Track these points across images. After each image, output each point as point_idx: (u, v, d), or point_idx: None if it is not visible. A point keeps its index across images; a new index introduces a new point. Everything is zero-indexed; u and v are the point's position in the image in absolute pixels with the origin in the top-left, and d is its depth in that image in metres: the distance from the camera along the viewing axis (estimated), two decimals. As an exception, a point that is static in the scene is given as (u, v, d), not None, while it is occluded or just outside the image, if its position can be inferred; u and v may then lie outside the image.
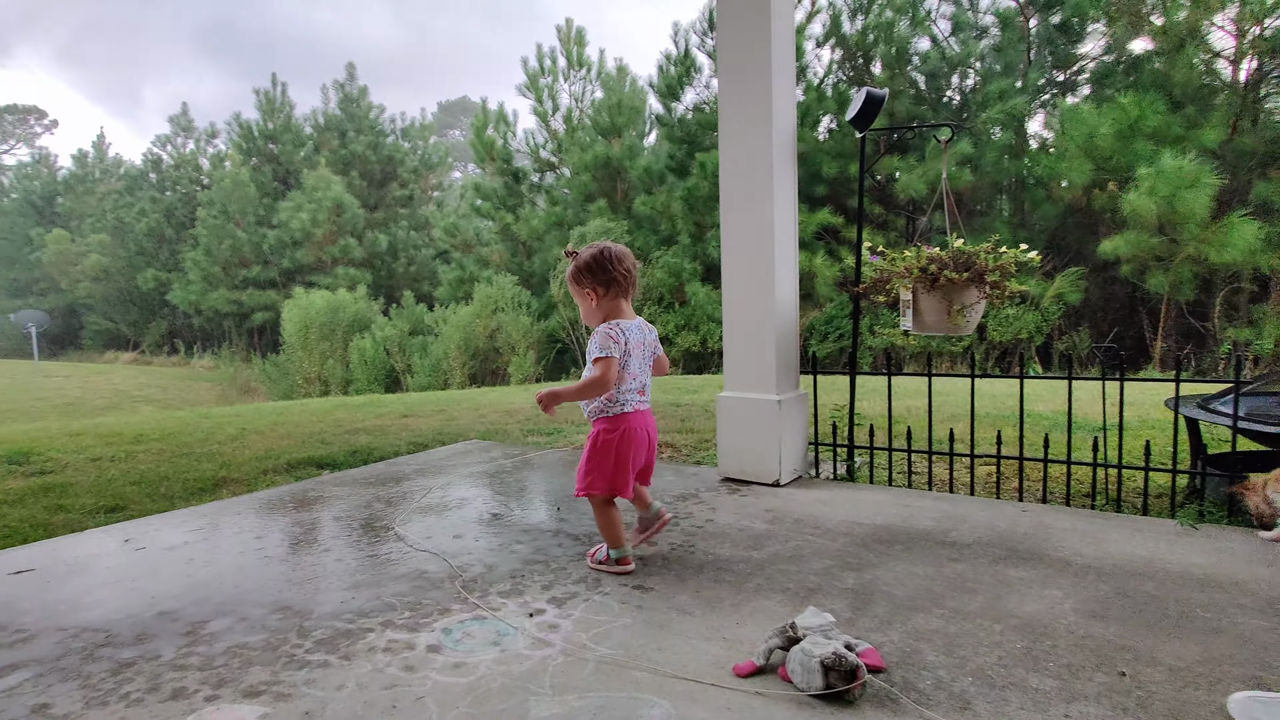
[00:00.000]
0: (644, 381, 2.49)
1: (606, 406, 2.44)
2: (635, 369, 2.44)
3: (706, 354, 14.32)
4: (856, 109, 3.57)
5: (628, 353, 2.40)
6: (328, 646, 1.97)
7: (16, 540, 3.05)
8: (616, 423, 2.43)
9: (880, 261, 3.34)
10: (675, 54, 15.37)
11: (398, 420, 6.02)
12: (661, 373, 2.61)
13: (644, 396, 2.49)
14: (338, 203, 24.46)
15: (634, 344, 2.42)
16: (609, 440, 2.42)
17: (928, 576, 2.35)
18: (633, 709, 1.64)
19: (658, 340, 2.56)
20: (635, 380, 2.45)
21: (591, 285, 2.43)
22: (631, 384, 2.44)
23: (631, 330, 2.43)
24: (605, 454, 2.42)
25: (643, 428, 2.47)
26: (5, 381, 17.73)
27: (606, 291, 2.43)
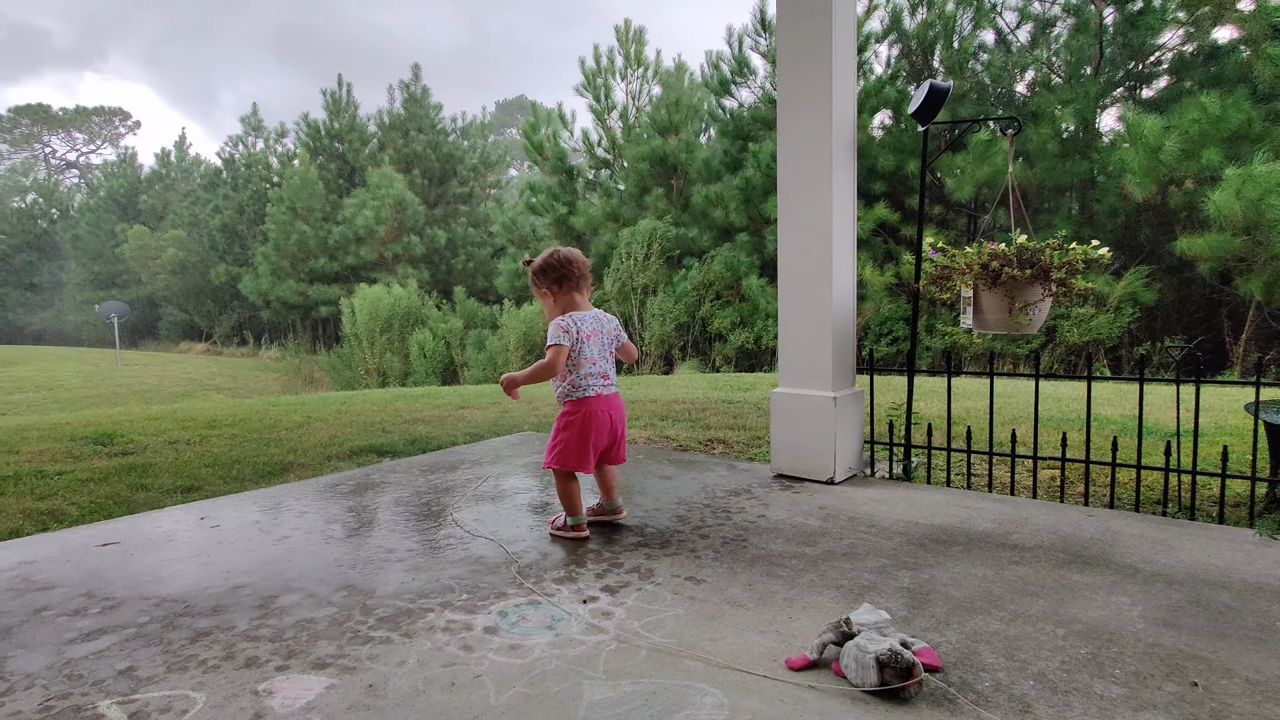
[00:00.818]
0: (605, 368, 2.74)
1: (570, 391, 2.70)
2: (594, 355, 2.69)
3: (760, 351, 14.21)
4: (919, 102, 3.50)
5: (581, 340, 2.66)
6: (389, 624, 2.04)
7: (102, 515, 3.24)
8: (579, 406, 2.70)
9: (940, 258, 3.27)
10: (729, 53, 15.31)
11: (454, 411, 6.16)
12: (629, 359, 2.88)
13: (607, 381, 2.74)
14: (400, 200, 25.09)
15: (588, 332, 2.68)
16: (571, 421, 2.70)
17: (987, 578, 2.30)
18: (685, 696, 1.66)
19: (620, 329, 2.84)
20: (595, 366, 2.70)
21: (546, 284, 2.72)
22: (591, 369, 2.69)
23: (585, 320, 2.69)
24: (569, 432, 2.69)
25: (604, 410, 2.73)
26: (90, 369, 18.76)
27: (560, 288, 2.71)
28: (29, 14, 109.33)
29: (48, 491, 3.57)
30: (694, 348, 15.24)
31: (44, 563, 2.56)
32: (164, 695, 1.70)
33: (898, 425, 3.78)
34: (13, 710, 1.64)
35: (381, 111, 27.95)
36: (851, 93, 3.48)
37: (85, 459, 4.33)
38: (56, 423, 6.05)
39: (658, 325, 14.85)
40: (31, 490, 3.59)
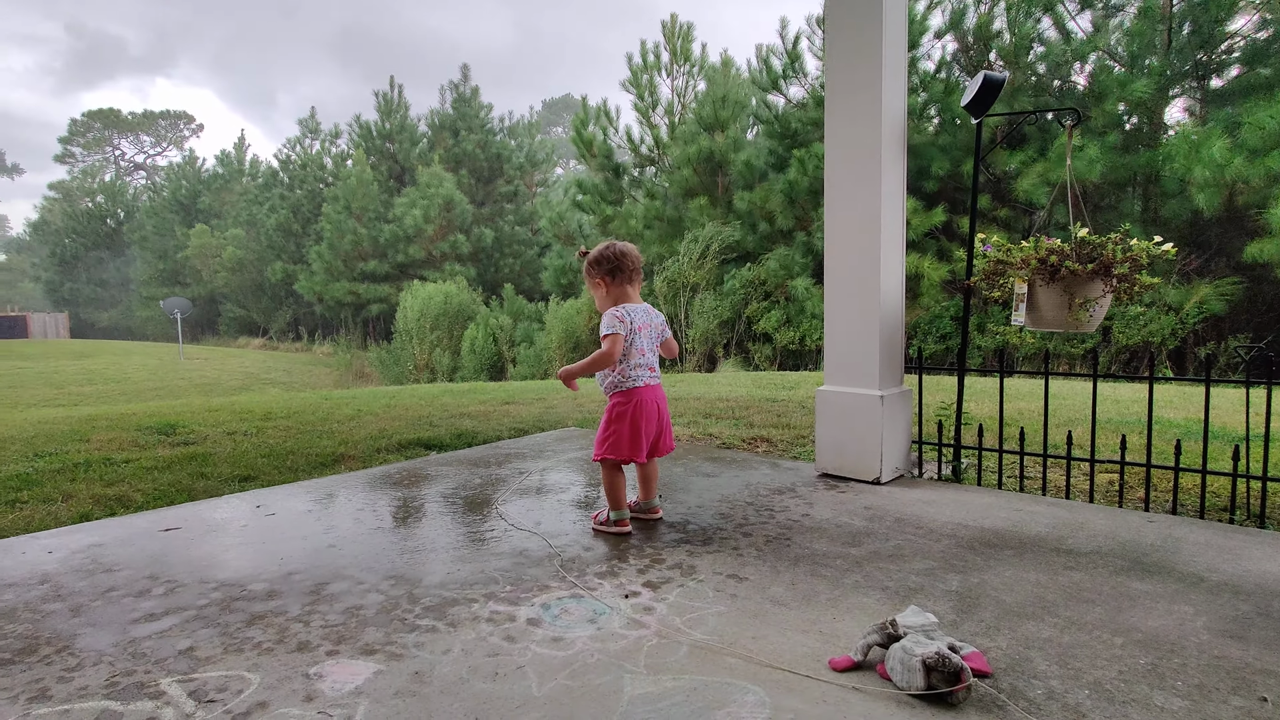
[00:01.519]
0: (652, 360, 2.79)
1: (621, 381, 2.74)
2: (644, 346, 2.74)
3: (804, 351, 14.05)
4: (973, 93, 3.41)
5: (634, 331, 2.71)
6: (435, 613, 2.07)
7: (165, 501, 3.37)
8: (629, 396, 2.73)
9: (995, 252, 3.18)
10: (781, 48, 15.12)
11: (500, 406, 6.24)
12: (670, 355, 2.91)
13: (654, 373, 2.79)
14: (448, 199, 25.52)
15: (640, 324, 2.73)
16: (623, 411, 2.72)
17: (1040, 584, 2.23)
18: (726, 693, 1.65)
19: (665, 324, 2.88)
20: (644, 357, 2.74)
21: (600, 275, 2.77)
22: (641, 360, 2.73)
23: (637, 312, 2.74)
24: (620, 423, 2.72)
25: (653, 400, 2.78)
26: (155, 362, 19.55)
27: (612, 280, 2.77)
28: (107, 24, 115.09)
29: (115, 478, 3.73)
30: (738, 346, 15.15)
31: (111, 546, 2.68)
32: (221, 675, 1.76)
33: (947, 425, 3.69)
34: (81, 685, 1.71)
35: (432, 112, 28.47)
36: (902, 87, 3.41)
37: (150, 448, 4.52)
38: (124, 413, 6.32)
39: (703, 323, 14.80)
40: (100, 477, 3.76)
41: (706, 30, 41.71)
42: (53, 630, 2.00)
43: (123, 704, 1.63)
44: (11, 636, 1.96)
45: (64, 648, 1.90)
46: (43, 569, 2.45)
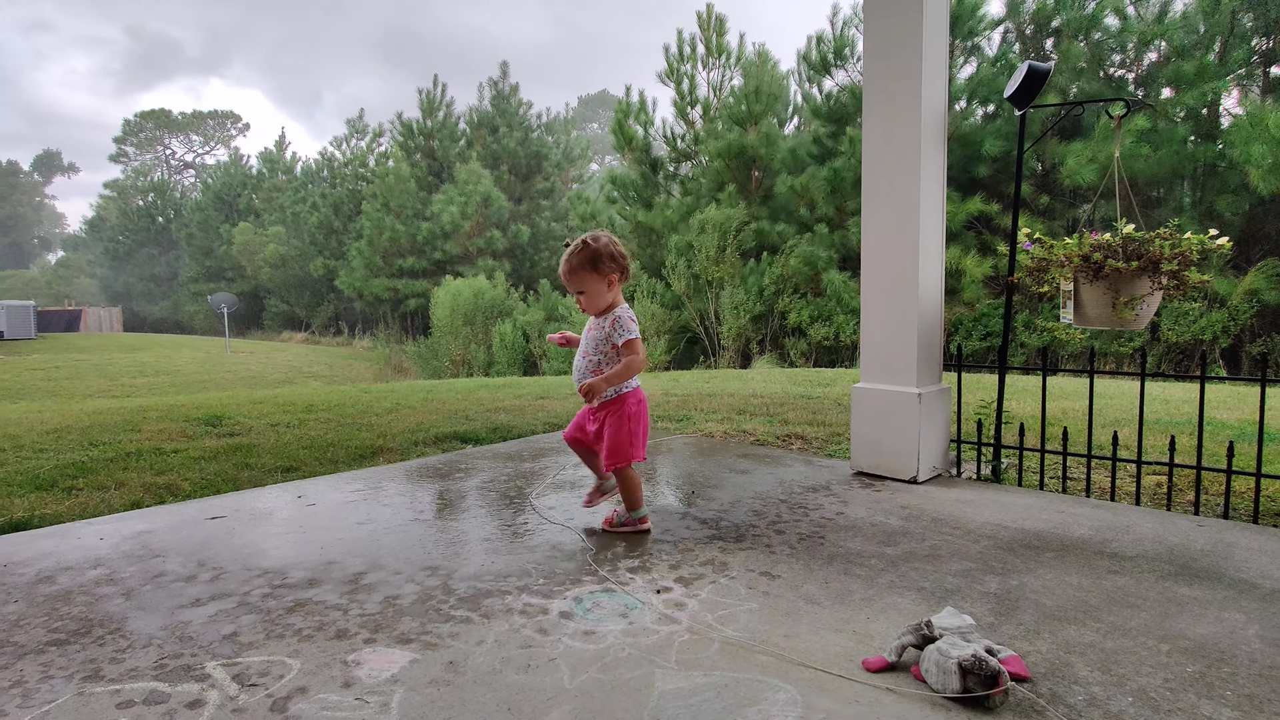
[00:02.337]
0: None
1: (629, 381, 2.69)
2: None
3: (839, 347, 13.89)
4: (1016, 84, 3.33)
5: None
6: (469, 604, 2.10)
7: (211, 491, 3.47)
8: (638, 393, 2.72)
9: (1037, 249, 3.10)
10: (829, 33, 14.93)
11: (534, 401, 6.29)
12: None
13: None
14: (486, 196, 25.77)
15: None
16: (636, 411, 2.69)
17: (1082, 587, 2.17)
18: (757, 691, 1.64)
19: None
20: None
21: (615, 270, 2.63)
22: None
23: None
24: (638, 421, 2.69)
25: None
26: (202, 355, 20.13)
27: (621, 277, 2.65)
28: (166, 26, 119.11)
29: (165, 467, 3.86)
30: (772, 342, 15.04)
31: (160, 532, 2.77)
32: (263, 660, 1.81)
33: (987, 424, 3.62)
34: (131, 666, 1.78)
35: (471, 109, 28.74)
36: (943, 75, 3.34)
37: (197, 439, 4.65)
38: (173, 404, 6.52)
39: (733, 319, 14.73)
40: (150, 466, 3.89)
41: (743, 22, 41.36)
42: (105, 613, 2.07)
43: (170, 685, 1.69)
44: (68, 618, 2.04)
45: (116, 630, 1.97)
46: (96, 554, 2.55)
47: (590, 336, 2.69)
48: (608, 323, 2.62)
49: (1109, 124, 10.61)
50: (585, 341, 2.71)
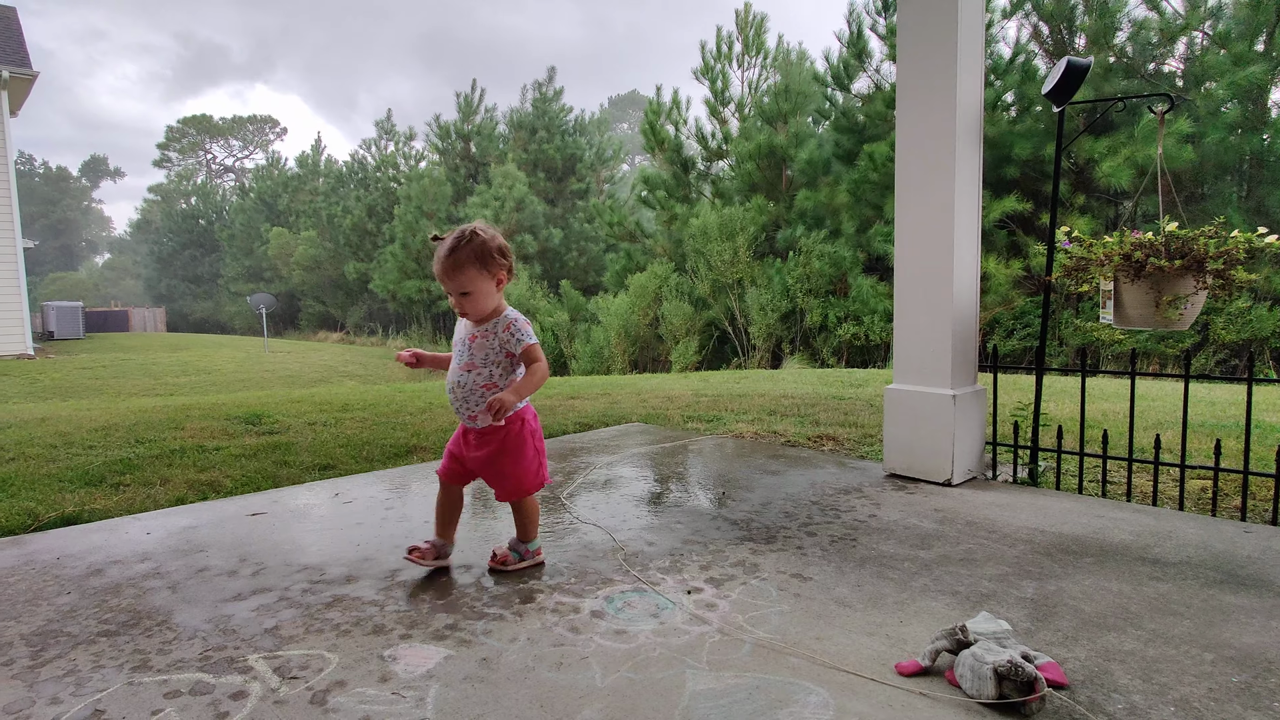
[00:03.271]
0: None
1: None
2: None
3: (870, 348, 13.75)
4: (1055, 81, 3.27)
5: None
6: (502, 602, 2.13)
7: (252, 488, 3.55)
8: (530, 408, 2.39)
9: (1076, 248, 3.04)
10: (847, 34, 14.76)
11: (565, 401, 6.33)
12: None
13: None
14: (520, 200, 25.95)
15: None
16: (536, 427, 2.39)
17: (1122, 594, 2.13)
18: (789, 693, 1.64)
19: None
20: None
21: (503, 268, 2.25)
22: None
23: None
24: (538, 439, 2.39)
25: None
26: (242, 355, 20.59)
27: (509, 275, 2.29)
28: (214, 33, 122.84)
29: (207, 465, 3.96)
30: (802, 342, 14.93)
31: (204, 528, 2.85)
32: (303, 654, 1.85)
33: (1024, 426, 3.56)
34: (178, 658, 1.83)
35: (512, 111, 28.90)
36: (978, 74, 3.29)
37: (238, 436, 4.77)
38: (214, 403, 6.69)
39: (761, 319, 14.65)
40: (194, 463, 4.00)
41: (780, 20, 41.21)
42: (152, 605, 2.14)
43: (214, 677, 1.74)
44: (117, 610, 2.12)
45: (162, 622, 2.03)
46: (143, 548, 2.63)
47: (475, 347, 2.26)
48: (500, 328, 2.24)
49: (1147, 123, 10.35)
50: (467, 354, 2.27)
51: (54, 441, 4.53)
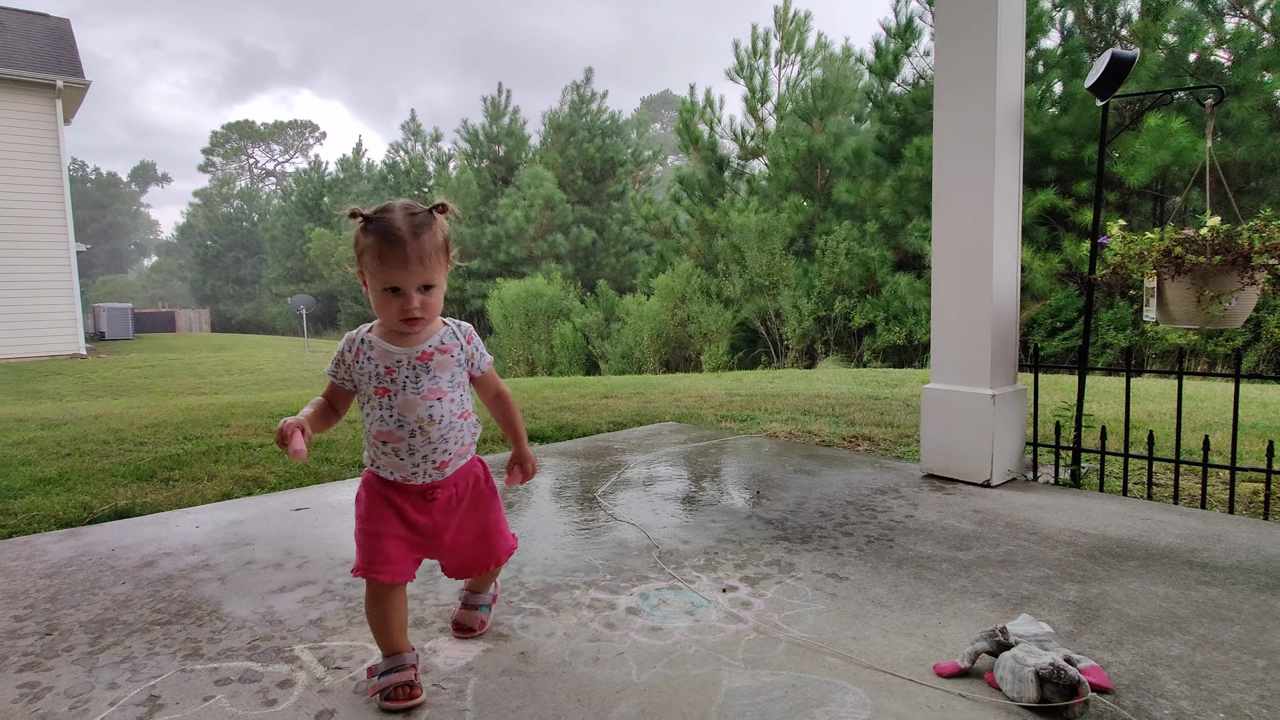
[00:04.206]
0: None
1: (475, 430, 1.77)
2: None
3: (908, 348, 13.57)
4: (1099, 73, 3.20)
5: None
6: (539, 598, 2.16)
7: (294, 484, 3.64)
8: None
9: (1116, 244, 2.98)
10: (895, 25, 14.53)
11: (599, 400, 6.37)
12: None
13: None
14: (549, 198, 26.14)
15: None
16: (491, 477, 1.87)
17: (1169, 598, 2.08)
18: (825, 692, 1.64)
19: None
20: None
21: (448, 256, 1.66)
22: None
23: None
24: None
25: None
26: (283, 354, 21.07)
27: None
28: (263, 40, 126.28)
29: (252, 461, 4.07)
30: (838, 342, 14.79)
31: (249, 522, 2.93)
32: (346, 645, 1.90)
33: (1066, 426, 3.49)
34: (227, 647, 1.89)
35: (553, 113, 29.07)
36: (1019, 68, 3.24)
37: (280, 434, 4.90)
38: (258, 401, 6.86)
39: (795, 320, 14.55)
40: (239, 459, 4.11)
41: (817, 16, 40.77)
42: (202, 596, 2.21)
43: (263, 665, 1.80)
44: (170, 600, 2.19)
45: (212, 612, 2.10)
46: (193, 541, 2.72)
47: (437, 366, 1.68)
48: (462, 339, 1.75)
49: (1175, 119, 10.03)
50: (428, 378, 1.67)
51: (107, 438, 4.69)
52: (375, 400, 1.67)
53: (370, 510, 1.72)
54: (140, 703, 1.64)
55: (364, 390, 1.70)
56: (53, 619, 2.07)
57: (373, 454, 1.73)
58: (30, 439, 4.69)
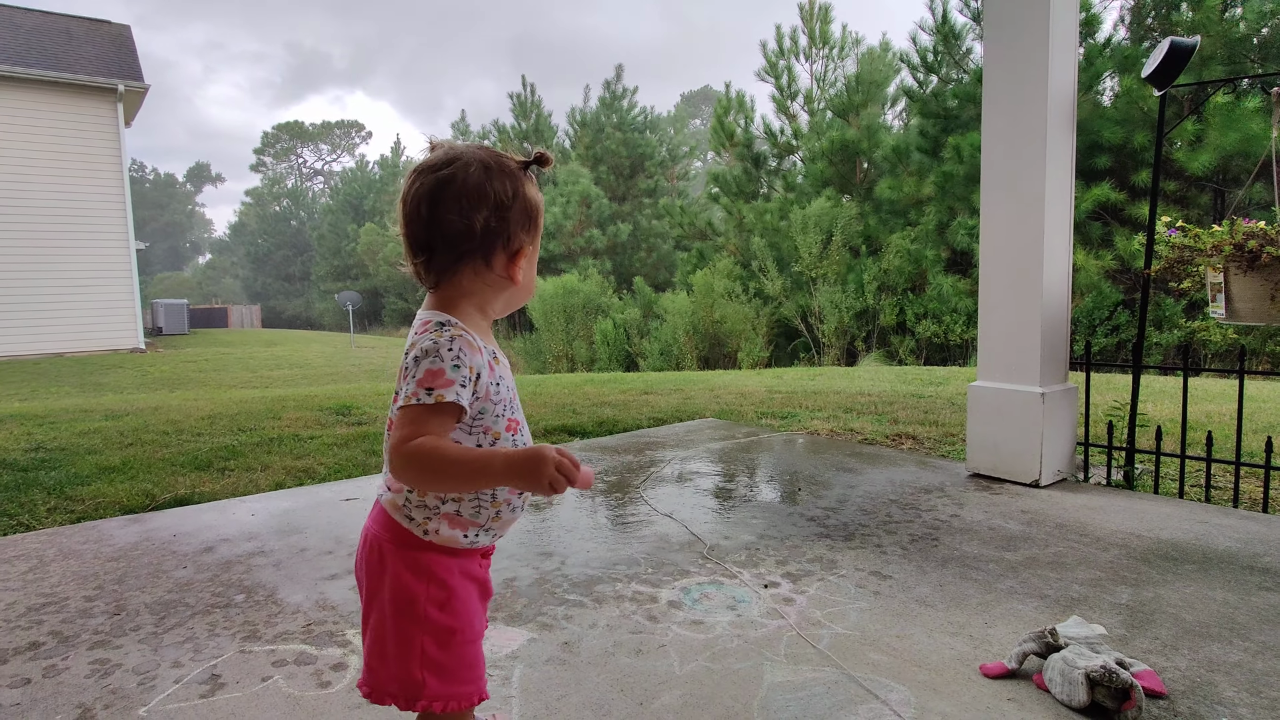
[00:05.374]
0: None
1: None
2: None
3: (950, 346, 13.30)
4: (1157, 62, 3.10)
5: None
6: (582, 589, 2.19)
7: (343, 475, 3.74)
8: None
9: (1180, 238, 2.88)
10: (931, 21, 14.28)
11: (639, 396, 6.39)
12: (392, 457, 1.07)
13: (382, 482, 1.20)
14: (586, 195, 26.27)
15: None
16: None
17: (1227, 603, 2.02)
18: (869, 689, 1.63)
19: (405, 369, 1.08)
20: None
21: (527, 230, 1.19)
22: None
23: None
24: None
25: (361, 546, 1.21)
26: (330, 350, 21.58)
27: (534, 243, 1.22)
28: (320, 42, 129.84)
29: (303, 452, 4.19)
30: (878, 340, 14.58)
31: (301, 511, 3.02)
32: (396, 631, 1.95)
33: (1119, 427, 3.39)
34: (283, 630, 1.96)
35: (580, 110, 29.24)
36: (1071, 59, 3.16)
37: (330, 426, 5.02)
38: (307, 395, 7.06)
39: (834, 316, 14.38)
40: (290, 450, 4.24)
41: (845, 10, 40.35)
42: (259, 581, 2.30)
43: (316, 649, 1.86)
44: (229, 584, 2.28)
45: (268, 596, 2.18)
46: (249, 528, 2.81)
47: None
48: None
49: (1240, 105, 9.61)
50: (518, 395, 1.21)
51: (166, 429, 4.88)
52: (507, 438, 1.15)
53: (469, 608, 1.16)
54: (203, 681, 1.71)
55: (489, 423, 1.12)
56: (121, 600, 2.17)
57: (471, 513, 1.14)
58: (95, 429, 4.90)
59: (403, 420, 1.03)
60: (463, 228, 1.09)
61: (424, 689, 1.11)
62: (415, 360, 1.04)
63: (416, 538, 1.13)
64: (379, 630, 1.13)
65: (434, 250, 1.11)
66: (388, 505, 1.15)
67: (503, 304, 1.21)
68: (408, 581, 1.11)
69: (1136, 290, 11.40)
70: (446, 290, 1.14)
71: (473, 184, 1.09)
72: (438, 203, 1.09)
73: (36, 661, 1.81)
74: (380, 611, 1.13)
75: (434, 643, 1.12)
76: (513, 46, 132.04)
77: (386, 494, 1.16)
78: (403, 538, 1.13)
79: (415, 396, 1.02)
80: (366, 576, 1.16)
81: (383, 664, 1.13)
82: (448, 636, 1.13)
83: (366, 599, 1.16)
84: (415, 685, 1.11)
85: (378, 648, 1.13)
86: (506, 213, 1.12)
